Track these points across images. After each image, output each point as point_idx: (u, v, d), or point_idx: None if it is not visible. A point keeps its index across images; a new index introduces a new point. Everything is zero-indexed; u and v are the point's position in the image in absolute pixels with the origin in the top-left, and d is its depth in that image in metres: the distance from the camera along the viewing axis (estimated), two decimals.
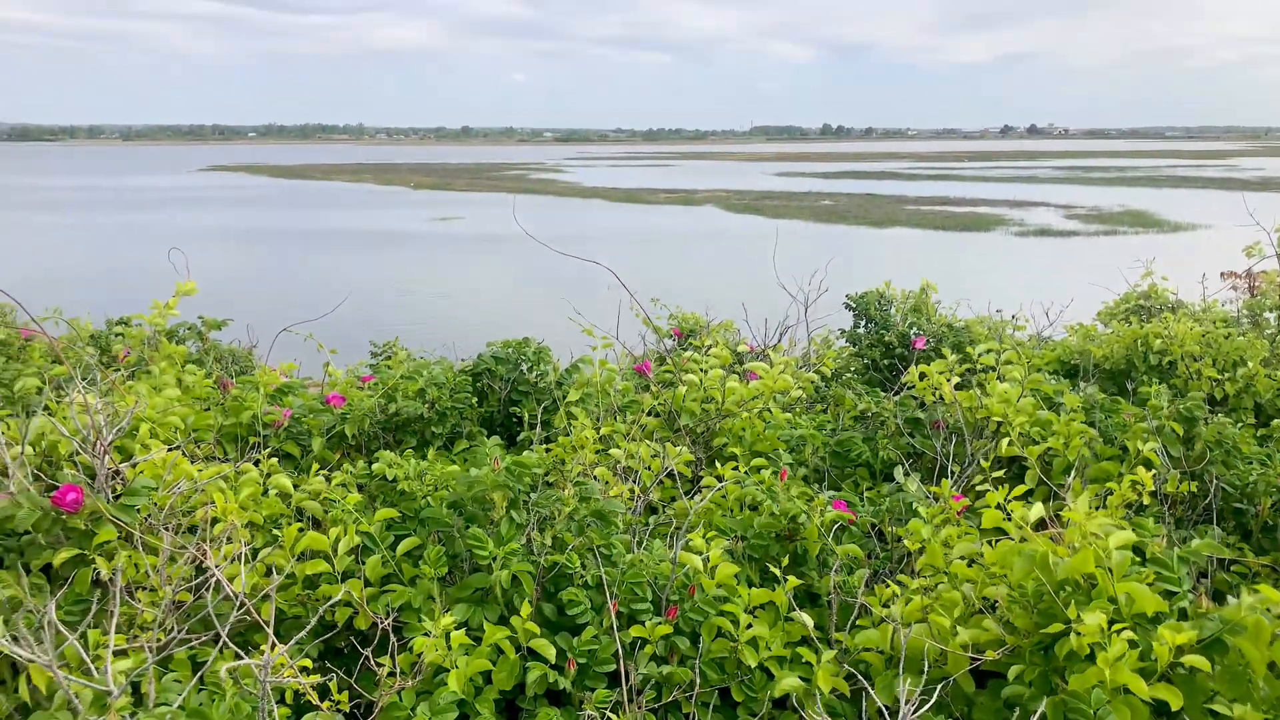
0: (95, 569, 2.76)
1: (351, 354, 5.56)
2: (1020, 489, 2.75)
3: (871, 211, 54.62)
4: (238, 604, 2.41)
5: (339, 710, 2.41)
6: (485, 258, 38.45)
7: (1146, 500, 2.93)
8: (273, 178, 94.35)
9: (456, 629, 2.52)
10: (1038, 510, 2.50)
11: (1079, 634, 2.10)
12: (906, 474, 3.48)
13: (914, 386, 4.46)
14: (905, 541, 2.93)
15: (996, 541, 2.71)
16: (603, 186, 77.42)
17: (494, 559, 2.68)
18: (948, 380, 4.04)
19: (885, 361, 6.82)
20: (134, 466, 3.09)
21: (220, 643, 2.33)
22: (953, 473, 3.71)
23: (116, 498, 2.99)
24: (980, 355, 4.35)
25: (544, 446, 3.72)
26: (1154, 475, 3.03)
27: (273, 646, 2.29)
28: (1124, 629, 2.13)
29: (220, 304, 5.88)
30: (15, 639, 2.46)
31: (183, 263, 4.88)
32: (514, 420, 4.45)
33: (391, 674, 2.50)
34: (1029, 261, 35.21)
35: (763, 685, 2.65)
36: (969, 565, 2.67)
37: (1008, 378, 4.16)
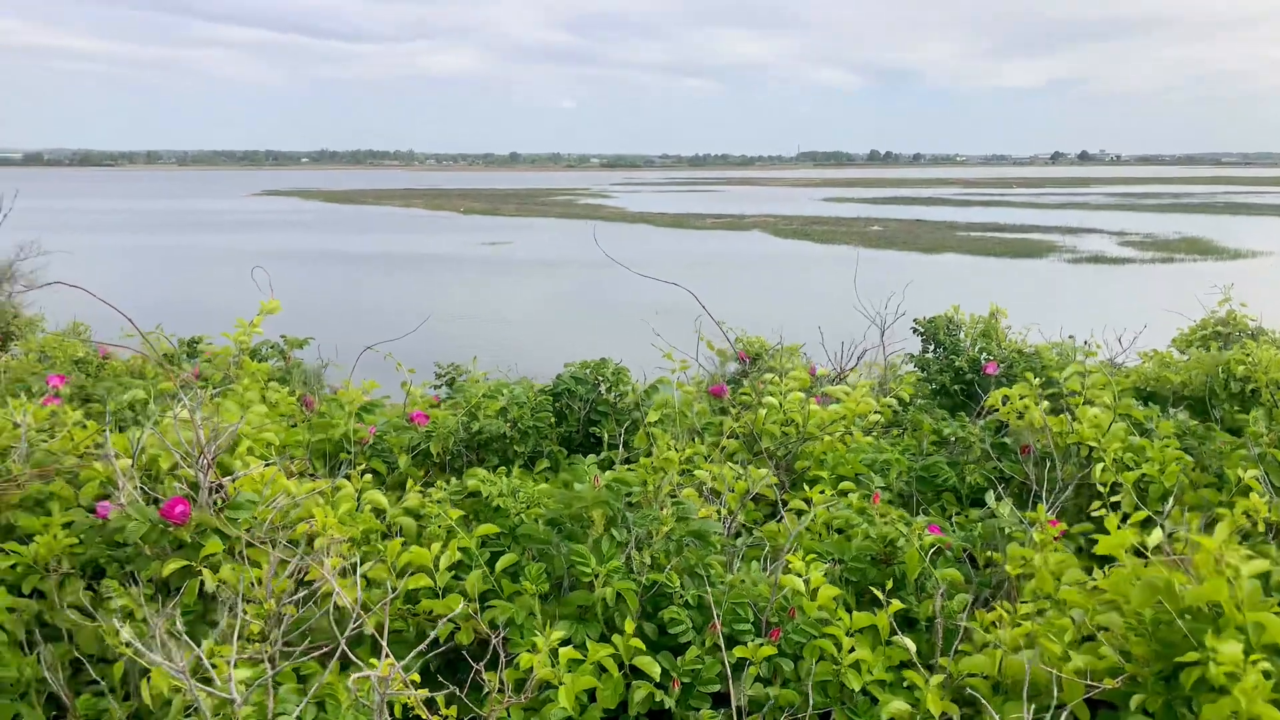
0: (201, 580, 2.81)
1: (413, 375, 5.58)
2: (1139, 515, 2.70)
3: (921, 237, 54.23)
4: (354, 617, 2.44)
5: None
6: (537, 281, 38.70)
7: (1261, 528, 2.86)
8: (325, 202, 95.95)
9: (561, 646, 2.52)
10: (1157, 536, 2.45)
11: (1218, 663, 2.05)
12: (999, 499, 3.42)
13: (996, 410, 4.42)
14: (1006, 567, 2.89)
15: (1106, 568, 2.66)
16: (650, 212, 77.73)
17: (596, 576, 2.68)
18: (1035, 404, 3.99)
19: (956, 386, 6.75)
20: (234, 481, 3.14)
21: (335, 654, 2.35)
22: (1044, 498, 3.65)
23: (218, 511, 3.04)
24: (1066, 379, 4.29)
25: (625, 467, 3.72)
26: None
27: (386, 659, 2.31)
28: (1258, 659, 2.07)
29: (284, 325, 5.92)
30: (145, 647, 2.51)
31: (265, 281, 4.97)
32: (592, 440, 4.46)
33: (499, 690, 2.51)
34: (1084, 288, 34.72)
35: (866, 709, 2.62)
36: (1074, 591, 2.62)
37: (1097, 402, 4.10)
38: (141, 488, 3.28)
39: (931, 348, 7.17)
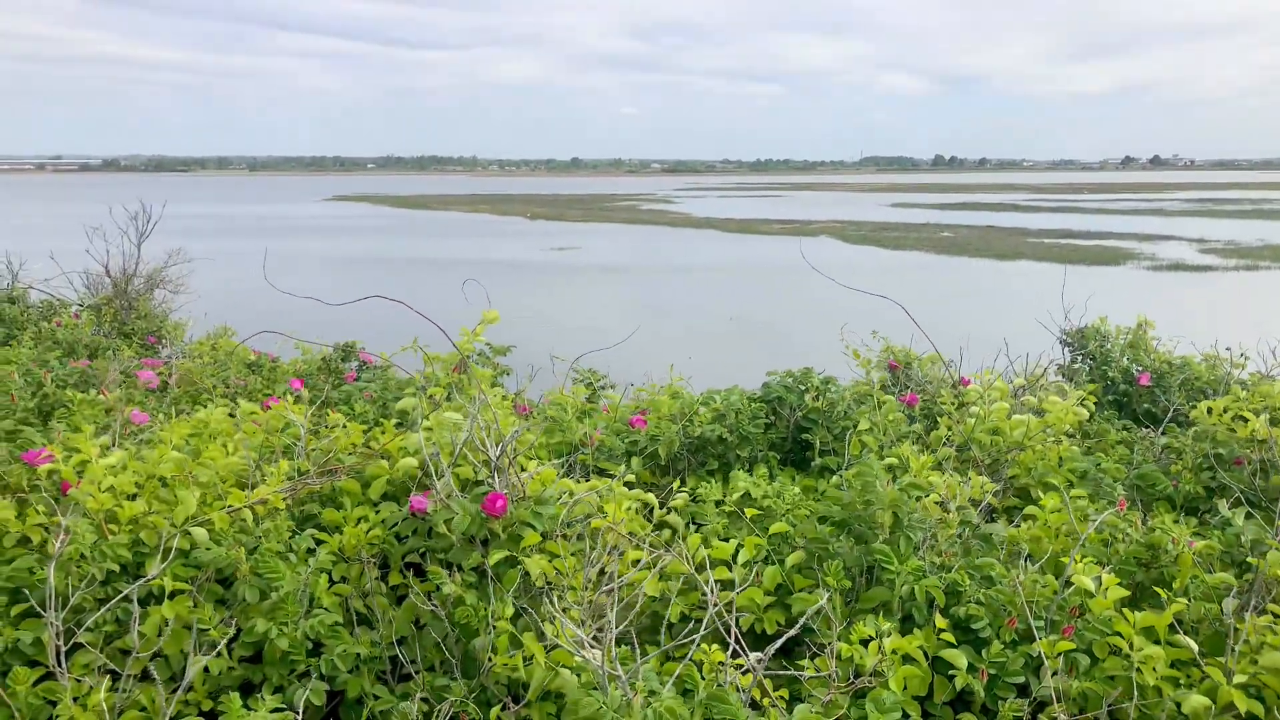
0: (523, 570, 3.06)
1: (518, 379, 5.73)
2: None
3: (994, 244, 53.66)
4: (726, 606, 2.66)
5: (775, 706, 2.64)
6: (611, 288, 39.00)
7: None
8: (394, 208, 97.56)
9: (872, 639, 2.72)
10: None
11: None
12: (1235, 506, 3.55)
13: (1190, 422, 4.53)
14: (1278, 571, 3.03)
15: None
16: (715, 217, 77.94)
17: (898, 574, 2.88)
18: (1255, 417, 4.10)
19: (1108, 397, 6.84)
20: (528, 479, 3.39)
21: (698, 638, 2.58)
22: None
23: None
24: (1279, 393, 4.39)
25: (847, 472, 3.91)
26: None
27: (738, 645, 2.53)
28: None
29: (389, 333, 6.06)
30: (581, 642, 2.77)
31: (480, 294, 5.25)
32: (800, 447, 4.66)
33: (812, 677, 2.72)
34: (1177, 297, 34.04)
35: (1156, 704, 2.77)
36: None
37: None
38: (423, 484, 3.56)
39: (1079, 358, 7.27)
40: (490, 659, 2.83)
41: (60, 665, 2.72)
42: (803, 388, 4.68)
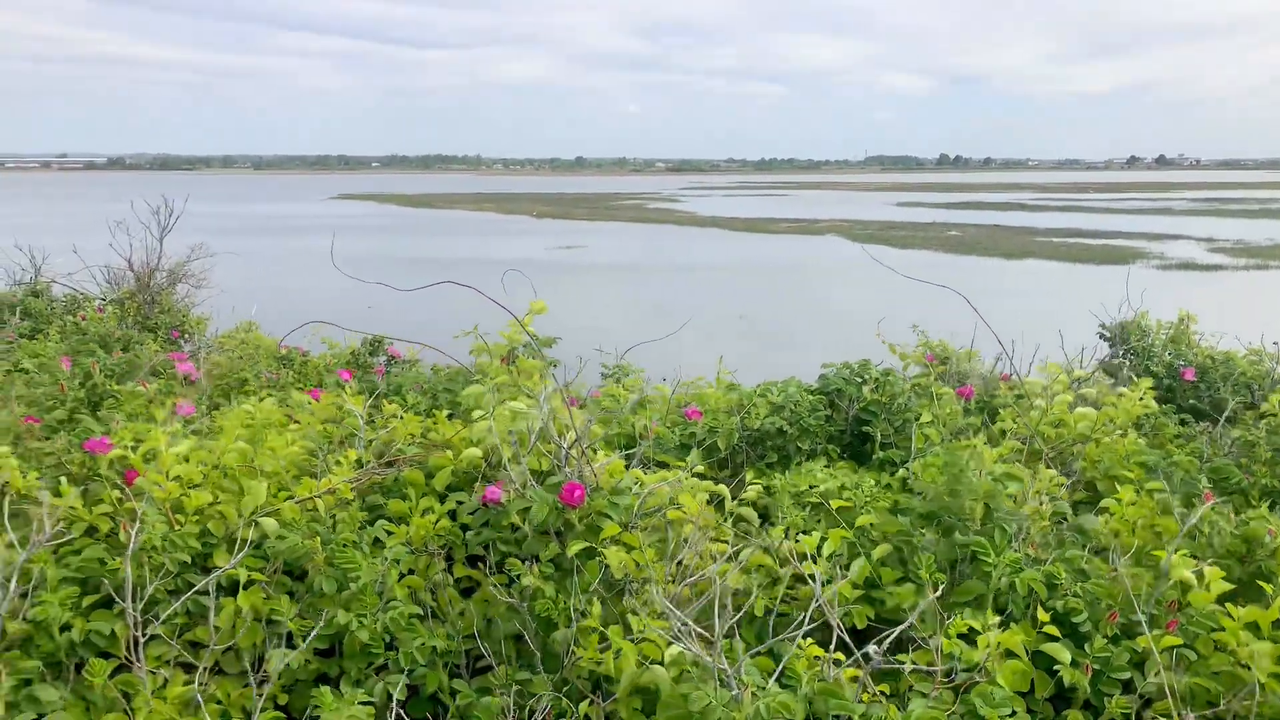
0: (603, 561, 2.99)
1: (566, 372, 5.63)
2: None
3: (1001, 243, 53.55)
4: (817, 598, 2.58)
5: (875, 701, 2.56)
6: (618, 287, 38.89)
7: None
8: (400, 206, 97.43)
9: (978, 634, 2.64)
10: None
11: None
12: None
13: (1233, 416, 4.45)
14: None
15: None
16: (721, 216, 77.83)
17: (995, 567, 2.80)
18: None
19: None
20: (600, 470, 3.31)
21: (802, 633, 2.50)
22: None
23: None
24: None
25: (910, 464, 3.83)
26: None
27: (844, 638, 2.45)
28: None
29: (413, 328, 5.96)
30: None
31: (525, 284, 5.17)
32: (858, 440, 4.58)
33: (914, 670, 2.64)
34: (1186, 295, 33.89)
35: (1264, 702, 2.69)
36: None
37: None
38: (486, 476, 3.48)
39: (1120, 353, 7.19)
40: (573, 652, 2.76)
41: (137, 658, 2.65)
42: (861, 380, 4.59)
